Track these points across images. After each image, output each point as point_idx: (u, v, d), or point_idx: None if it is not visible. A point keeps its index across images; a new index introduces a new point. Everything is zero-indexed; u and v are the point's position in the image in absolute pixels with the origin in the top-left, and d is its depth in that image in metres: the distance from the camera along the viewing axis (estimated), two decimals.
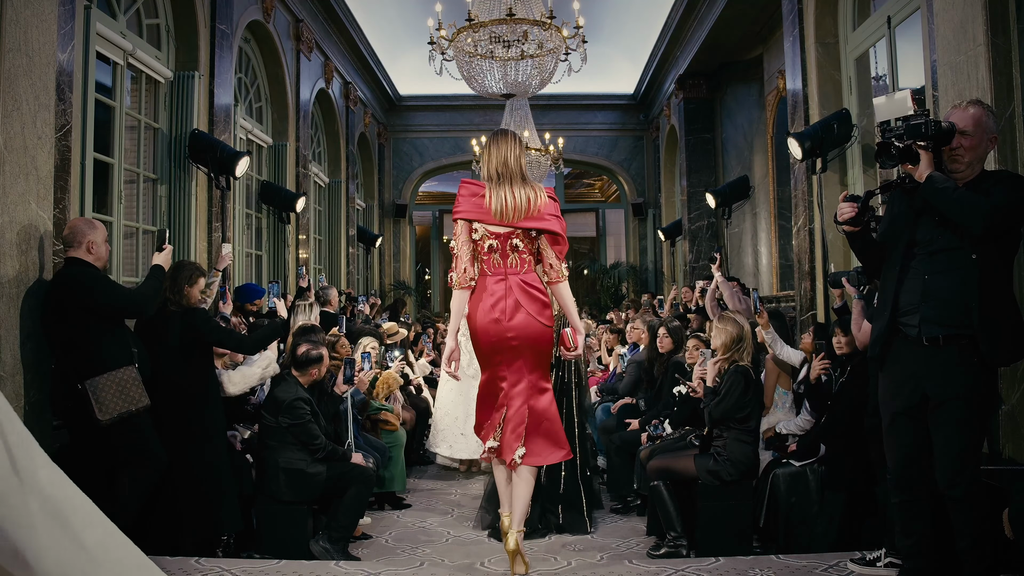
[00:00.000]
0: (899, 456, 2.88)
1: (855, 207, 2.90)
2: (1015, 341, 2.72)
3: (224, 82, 6.37)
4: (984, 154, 2.84)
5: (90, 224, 3.78)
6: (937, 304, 2.77)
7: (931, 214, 2.81)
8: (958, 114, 2.82)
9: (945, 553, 2.83)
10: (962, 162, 2.81)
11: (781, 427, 4.49)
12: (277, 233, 8.25)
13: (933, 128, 2.74)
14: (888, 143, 2.82)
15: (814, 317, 5.97)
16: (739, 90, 10.44)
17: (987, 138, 2.82)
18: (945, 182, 2.73)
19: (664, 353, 5.69)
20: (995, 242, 2.71)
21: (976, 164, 2.83)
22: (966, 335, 2.71)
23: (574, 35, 7.24)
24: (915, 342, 2.81)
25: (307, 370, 4.33)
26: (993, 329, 2.69)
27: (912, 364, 2.82)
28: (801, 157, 5.81)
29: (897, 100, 2.85)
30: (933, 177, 2.74)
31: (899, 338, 2.87)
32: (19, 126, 3.59)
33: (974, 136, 2.79)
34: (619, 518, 4.94)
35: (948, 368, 2.74)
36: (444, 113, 13.50)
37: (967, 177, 2.82)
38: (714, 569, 3.37)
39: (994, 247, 2.72)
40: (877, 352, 2.95)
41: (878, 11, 5.55)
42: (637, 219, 13.92)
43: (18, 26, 3.58)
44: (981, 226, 2.65)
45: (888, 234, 2.96)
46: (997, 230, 2.68)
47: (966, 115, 2.80)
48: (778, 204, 9.32)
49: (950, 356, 2.74)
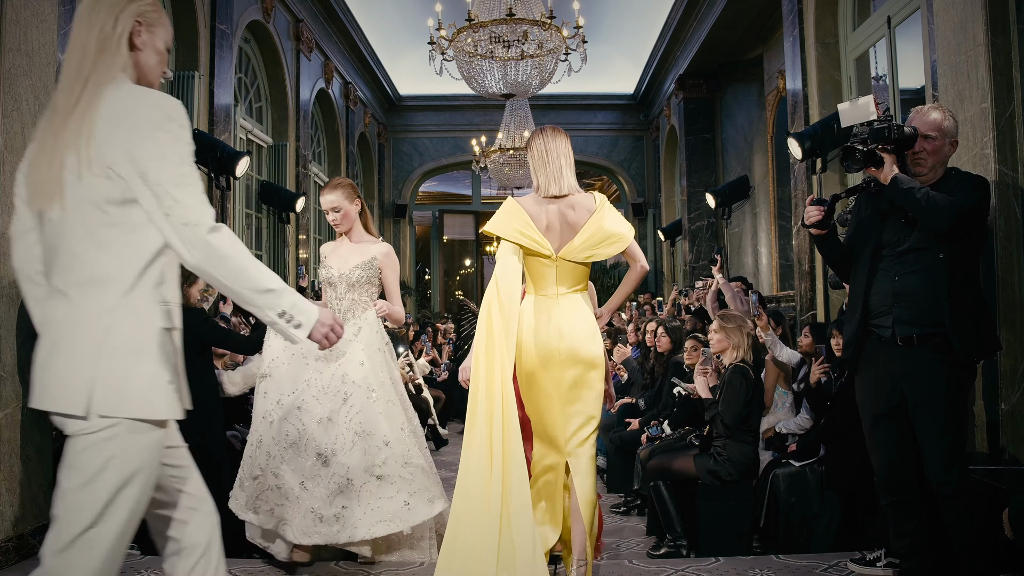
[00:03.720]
0: (884, 458, 2.90)
1: (821, 210, 2.96)
2: (987, 336, 2.81)
3: (224, 82, 6.37)
4: (946, 157, 2.92)
5: None
6: (909, 304, 2.81)
7: (897, 215, 2.87)
8: (919, 119, 2.89)
9: (942, 553, 2.83)
10: (925, 165, 2.88)
11: (781, 427, 4.49)
12: (277, 233, 8.25)
13: (896, 132, 2.82)
14: (852, 148, 2.90)
15: (814, 317, 5.97)
16: (739, 90, 10.45)
17: (948, 142, 2.89)
18: (910, 183, 2.80)
19: (663, 353, 5.70)
20: (961, 240, 2.77)
21: (939, 167, 2.90)
22: (939, 333, 2.75)
23: (574, 35, 7.25)
24: (889, 343, 2.85)
25: None
26: (965, 326, 2.74)
27: (887, 365, 2.86)
28: (801, 157, 5.81)
29: (861, 105, 2.92)
30: (898, 178, 2.80)
31: (871, 340, 2.91)
32: (19, 126, 3.60)
33: (936, 140, 2.86)
34: (619, 518, 4.94)
35: (923, 367, 2.77)
36: (444, 113, 13.50)
37: (930, 180, 2.89)
38: (714, 569, 3.37)
39: (960, 245, 2.77)
40: (850, 355, 2.98)
41: (878, 11, 5.55)
42: (637, 219, 13.91)
43: (18, 26, 3.58)
44: (947, 224, 2.70)
45: (855, 237, 3.02)
46: (962, 228, 2.74)
47: (927, 120, 2.87)
48: (778, 204, 9.32)
49: (924, 355, 2.78)
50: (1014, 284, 3.57)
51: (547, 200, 2.86)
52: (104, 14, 1.75)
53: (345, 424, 3.36)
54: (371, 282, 3.65)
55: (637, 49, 11.32)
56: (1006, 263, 3.58)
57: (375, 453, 3.33)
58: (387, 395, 3.46)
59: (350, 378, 3.41)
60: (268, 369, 3.53)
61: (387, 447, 3.34)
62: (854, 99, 2.98)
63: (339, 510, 3.29)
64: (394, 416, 3.43)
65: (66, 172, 1.69)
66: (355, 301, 3.65)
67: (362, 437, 3.34)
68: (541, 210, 2.83)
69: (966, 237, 2.77)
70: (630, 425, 5.46)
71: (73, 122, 1.69)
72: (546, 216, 2.83)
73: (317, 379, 3.45)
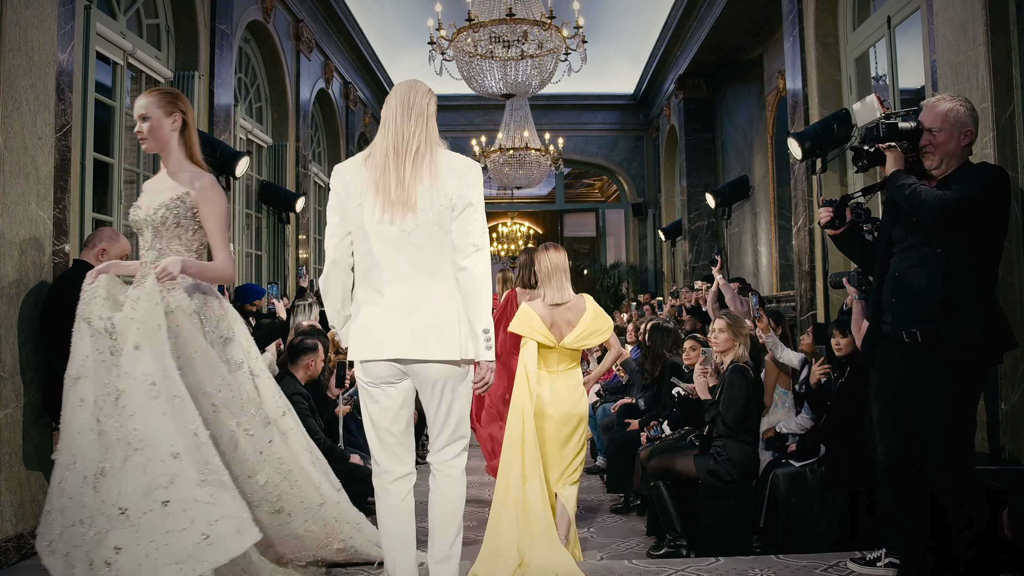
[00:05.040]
0: (885, 452, 2.92)
1: (830, 211, 3.00)
2: (983, 336, 2.69)
3: (224, 82, 6.37)
4: (957, 149, 2.81)
5: (114, 236, 3.82)
6: (907, 300, 2.80)
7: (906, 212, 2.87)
8: (926, 111, 2.85)
9: (943, 552, 2.83)
10: (933, 159, 2.83)
11: (781, 427, 4.49)
12: (277, 233, 8.25)
13: (884, 131, 2.83)
14: (859, 148, 2.90)
15: (814, 317, 5.97)
16: (739, 90, 10.45)
17: (959, 132, 2.79)
18: (904, 178, 2.78)
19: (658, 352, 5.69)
20: (960, 235, 2.71)
21: (951, 160, 2.81)
22: (935, 330, 2.73)
23: (574, 35, 7.24)
24: (893, 339, 2.86)
25: (302, 361, 4.34)
26: (958, 323, 2.69)
27: (892, 362, 2.87)
28: (801, 157, 5.80)
29: (868, 104, 2.93)
30: (895, 175, 2.81)
31: (884, 336, 2.92)
32: (19, 126, 3.60)
33: (942, 132, 2.79)
34: (619, 518, 4.94)
35: (923, 367, 2.76)
36: (444, 113, 13.35)
37: (943, 173, 2.83)
38: (714, 569, 3.37)
39: (959, 241, 2.71)
40: (866, 351, 3.02)
41: (878, 11, 5.55)
42: (637, 219, 13.91)
43: (18, 26, 3.58)
44: (930, 219, 2.69)
45: (878, 236, 3.04)
46: (951, 223, 2.69)
47: (933, 112, 2.82)
48: (778, 204, 9.33)
49: (924, 354, 2.76)
50: (1014, 284, 3.57)
51: (552, 306, 3.78)
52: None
53: (116, 433, 2.47)
54: (182, 226, 2.80)
55: (637, 49, 11.32)
56: (1006, 263, 3.57)
57: (156, 469, 2.41)
58: (172, 390, 2.53)
59: (123, 369, 2.54)
60: (80, 371, 2.67)
61: (175, 460, 2.42)
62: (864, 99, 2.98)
63: (111, 555, 2.33)
64: (184, 418, 2.52)
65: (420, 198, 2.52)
66: (162, 252, 2.80)
67: (139, 450, 2.42)
68: (548, 313, 3.78)
69: (968, 231, 2.71)
70: (630, 425, 5.45)
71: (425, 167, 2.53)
72: (551, 317, 3.77)
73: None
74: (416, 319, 2.51)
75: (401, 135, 2.56)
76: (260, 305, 6.03)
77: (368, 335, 2.54)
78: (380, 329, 2.52)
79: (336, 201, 2.63)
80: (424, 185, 2.50)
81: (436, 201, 2.50)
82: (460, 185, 2.52)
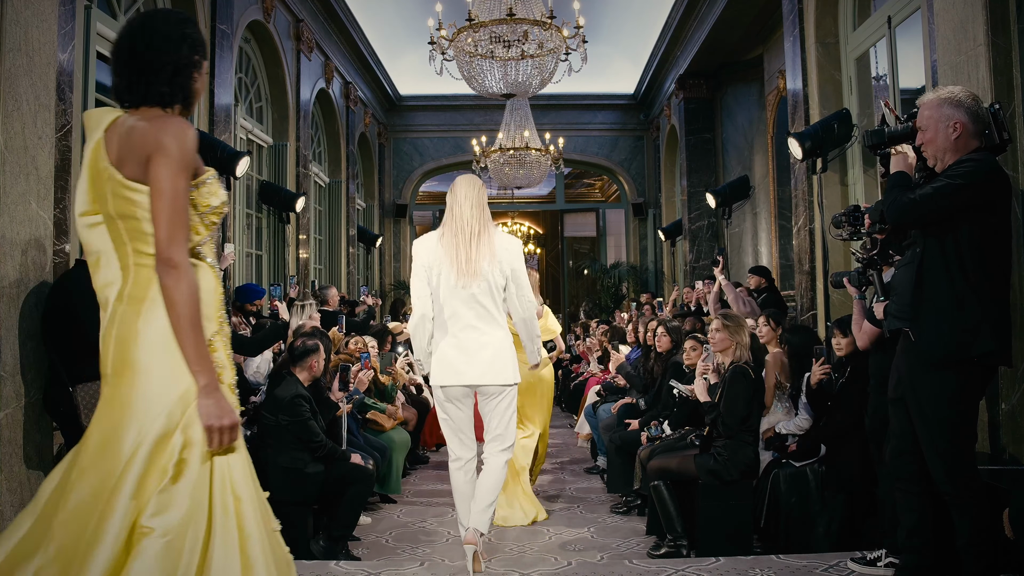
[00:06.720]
0: (892, 445, 2.96)
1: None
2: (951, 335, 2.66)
3: (224, 82, 6.37)
4: (947, 143, 2.76)
5: None
6: (897, 298, 2.87)
7: None
8: (919, 110, 2.86)
9: (943, 551, 2.83)
10: (928, 155, 2.83)
11: (781, 427, 4.49)
12: (277, 233, 8.25)
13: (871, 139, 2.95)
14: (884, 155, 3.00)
15: (814, 317, 5.98)
16: (739, 90, 10.44)
17: (944, 126, 2.75)
18: (895, 180, 2.85)
19: (662, 352, 5.69)
20: (937, 234, 2.71)
21: (944, 155, 2.77)
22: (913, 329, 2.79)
23: (574, 35, 7.24)
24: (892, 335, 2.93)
25: (305, 362, 4.33)
26: (925, 321, 2.71)
27: (897, 356, 2.92)
28: (801, 157, 5.80)
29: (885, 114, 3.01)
30: (889, 177, 2.88)
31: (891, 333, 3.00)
32: (19, 126, 3.59)
33: (927, 130, 2.80)
34: (619, 518, 4.94)
35: (913, 365, 2.79)
36: (444, 113, 13.49)
37: (941, 168, 2.81)
38: (714, 569, 3.37)
39: (936, 239, 2.72)
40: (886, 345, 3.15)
41: (878, 11, 5.55)
42: (637, 219, 13.91)
43: (18, 26, 3.58)
44: (895, 217, 2.76)
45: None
46: (908, 222, 2.74)
47: (920, 110, 2.84)
48: (778, 204, 9.32)
49: (913, 352, 2.79)
50: (1014, 284, 3.56)
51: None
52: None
53: None
54: None
55: (637, 49, 11.31)
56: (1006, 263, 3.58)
57: None
58: None
59: None
60: None
61: None
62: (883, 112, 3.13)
63: None
64: None
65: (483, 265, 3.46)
66: None
67: None
68: None
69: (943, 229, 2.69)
70: (630, 425, 5.45)
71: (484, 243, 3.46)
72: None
73: None
74: (482, 355, 3.47)
75: (467, 221, 3.47)
76: (260, 305, 6.02)
77: (448, 367, 3.49)
78: (456, 362, 3.48)
79: (421, 270, 3.53)
80: (486, 260, 3.44)
81: (494, 271, 3.46)
82: (511, 259, 3.52)
